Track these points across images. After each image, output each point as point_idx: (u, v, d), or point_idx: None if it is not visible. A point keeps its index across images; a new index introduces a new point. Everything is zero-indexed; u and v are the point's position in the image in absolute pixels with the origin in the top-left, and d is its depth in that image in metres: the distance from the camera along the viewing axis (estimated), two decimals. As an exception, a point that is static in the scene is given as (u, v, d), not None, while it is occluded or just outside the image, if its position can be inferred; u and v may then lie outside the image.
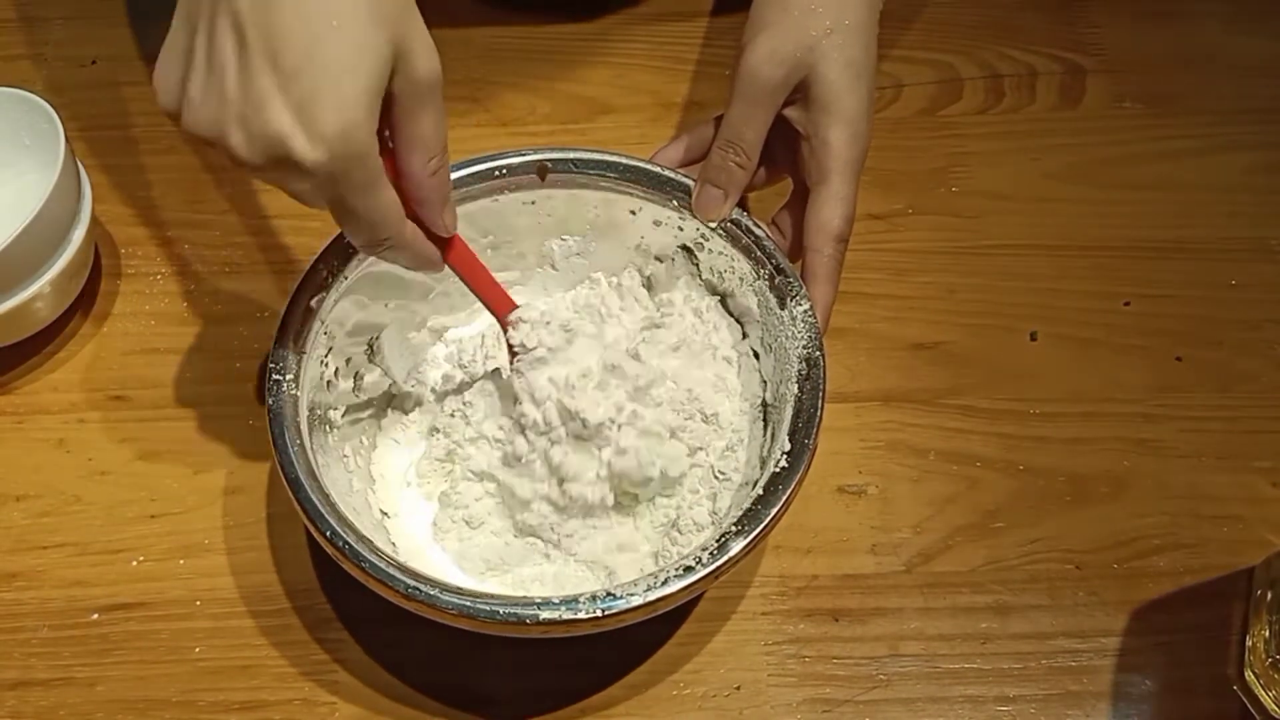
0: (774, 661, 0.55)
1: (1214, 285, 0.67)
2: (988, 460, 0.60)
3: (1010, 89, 0.75)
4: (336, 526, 0.47)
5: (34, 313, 0.60)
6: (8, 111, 0.62)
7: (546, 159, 0.56)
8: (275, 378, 0.51)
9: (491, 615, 0.45)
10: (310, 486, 0.48)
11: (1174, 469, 0.60)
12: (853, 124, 0.54)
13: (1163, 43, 0.77)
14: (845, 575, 0.57)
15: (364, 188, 0.43)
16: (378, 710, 0.53)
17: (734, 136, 0.55)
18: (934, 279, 0.66)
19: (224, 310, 0.65)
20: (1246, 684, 0.53)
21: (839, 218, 0.54)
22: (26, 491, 0.59)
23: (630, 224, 0.58)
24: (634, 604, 0.45)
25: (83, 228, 0.60)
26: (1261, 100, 0.74)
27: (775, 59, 0.54)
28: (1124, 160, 0.72)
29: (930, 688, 0.54)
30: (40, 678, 0.54)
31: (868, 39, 0.55)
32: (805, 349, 0.52)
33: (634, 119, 0.73)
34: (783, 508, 0.48)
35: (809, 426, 0.50)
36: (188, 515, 0.58)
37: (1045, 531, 0.58)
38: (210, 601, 0.56)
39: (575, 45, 0.76)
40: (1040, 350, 0.64)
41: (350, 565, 0.47)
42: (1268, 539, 0.58)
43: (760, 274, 0.55)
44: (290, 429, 0.49)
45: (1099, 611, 0.56)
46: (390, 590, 0.46)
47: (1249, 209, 0.70)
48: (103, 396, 0.62)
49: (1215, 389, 0.63)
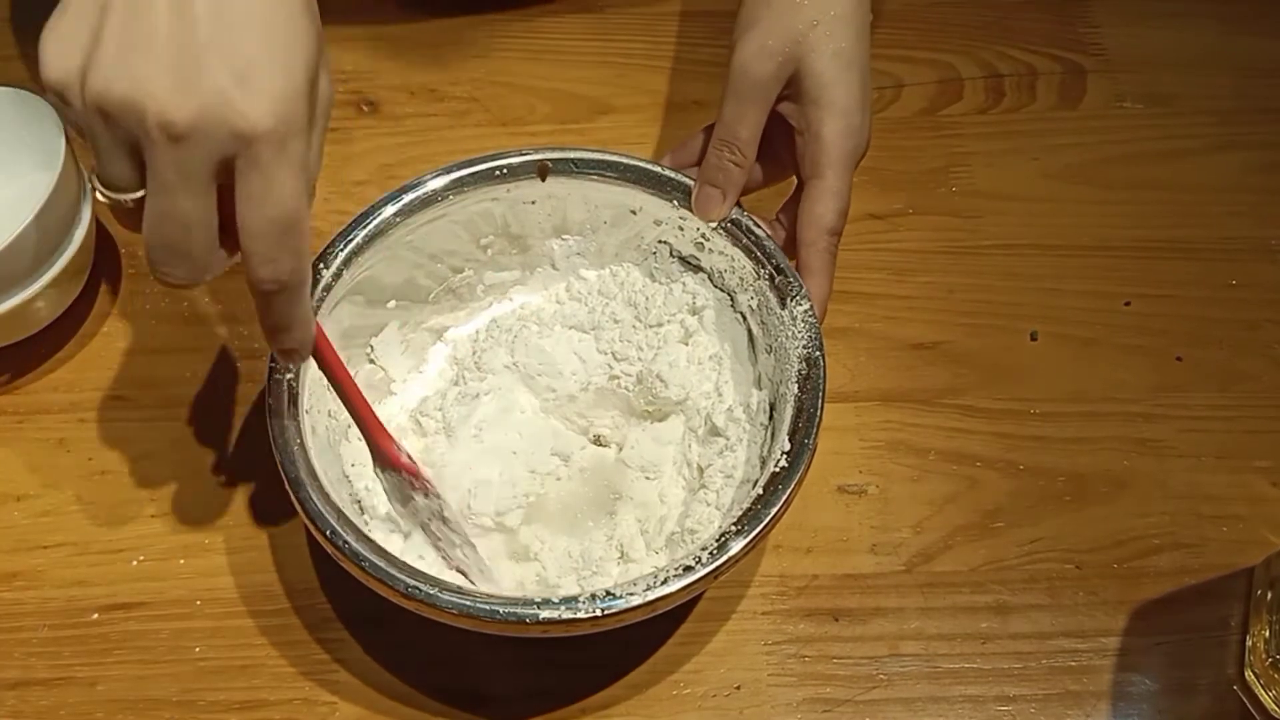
0: (774, 661, 0.55)
1: (1214, 285, 0.67)
2: (988, 460, 0.60)
3: (1010, 89, 0.75)
4: (336, 526, 0.47)
5: (34, 313, 0.60)
6: (8, 111, 0.62)
7: (547, 159, 0.56)
8: (275, 377, 0.51)
9: (491, 614, 0.45)
10: (310, 486, 0.48)
11: (1174, 469, 0.60)
12: (845, 116, 0.54)
13: (1163, 43, 0.77)
14: (845, 575, 0.57)
15: (293, 162, 0.39)
16: (378, 710, 0.53)
17: (729, 135, 0.55)
18: (934, 279, 0.66)
19: (224, 310, 0.65)
20: (1246, 684, 0.53)
21: (831, 211, 0.54)
22: (26, 491, 0.59)
23: (631, 223, 0.58)
24: (634, 604, 0.45)
25: (83, 228, 0.60)
26: (1261, 100, 0.74)
27: (764, 54, 0.54)
28: (1124, 160, 0.72)
29: (930, 688, 0.54)
30: (40, 677, 0.54)
31: (857, 29, 0.55)
32: (805, 349, 0.52)
33: (634, 119, 0.73)
34: (782, 507, 0.48)
35: (809, 426, 0.50)
36: (187, 515, 0.58)
37: (1045, 531, 0.58)
38: (210, 601, 0.56)
39: (575, 45, 0.76)
40: (1040, 350, 0.64)
41: (350, 564, 0.47)
42: (1268, 539, 0.58)
43: (760, 273, 0.55)
44: (290, 428, 0.50)
45: (1099, 611, 0.56)
46: (390, 590, 0.46)
47: (1249, 209, 0.70)
48: (103, 396, 0.62)
49: (1215, 389, 0.63)
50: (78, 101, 0.38)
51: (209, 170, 0.38)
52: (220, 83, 0.37)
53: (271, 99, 0.37)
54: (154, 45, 0.37)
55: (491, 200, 0.57)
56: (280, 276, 0.41)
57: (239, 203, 0.39)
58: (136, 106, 0.37)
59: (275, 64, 0.38)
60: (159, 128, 0.37)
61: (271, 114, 0.37)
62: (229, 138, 0.37)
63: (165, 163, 0.38)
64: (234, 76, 0.37)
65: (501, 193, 0.57)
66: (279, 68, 0.38)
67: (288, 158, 0.39)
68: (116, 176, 0.39)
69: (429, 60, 0.74)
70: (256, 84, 0.37)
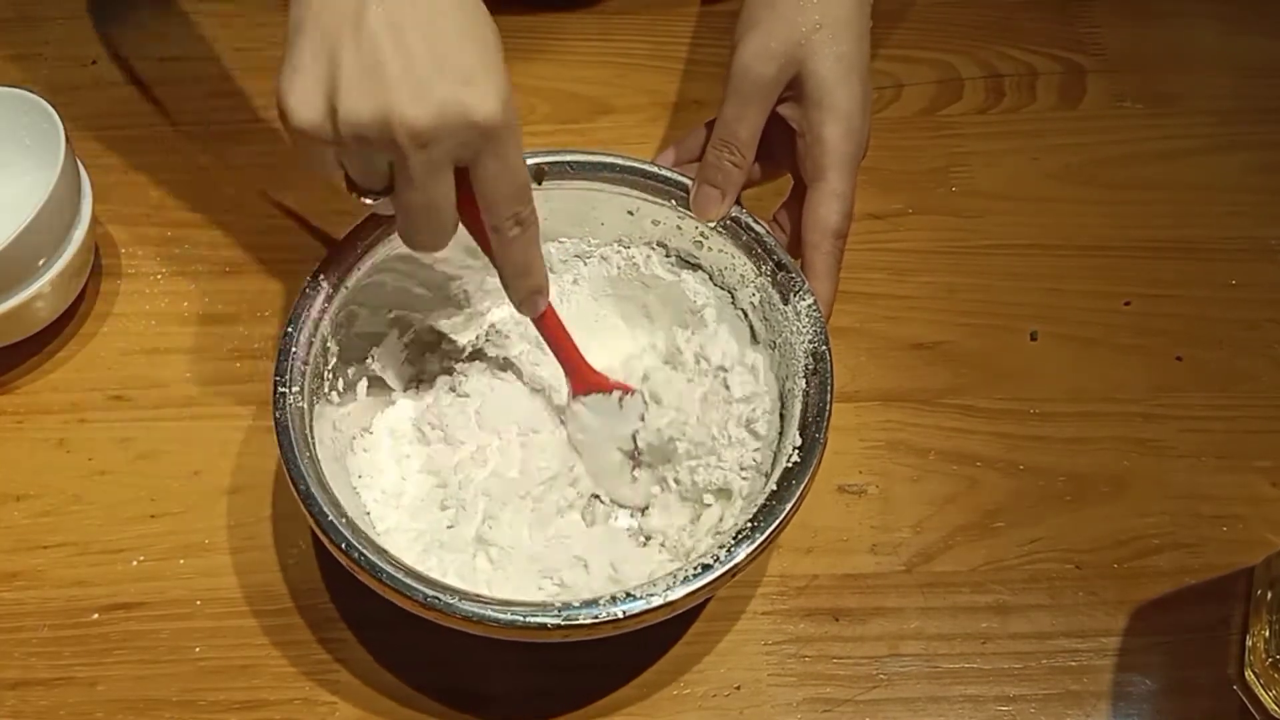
0: (774, 661, 0.55)
1: (1214, 285, 0.67)
2: (988, 460, 0.60)
3: (1010, 89, 0.75)
4: (351, 538, 0.47)
5: (34, 313, 0.60)
6: (8, 111, 0.62)
7: (543, 162, 0.56)
8: (280, 390, 0.50)
9: (512, 623, 0.45)
10: (322, 500, 0.48)
11: (1174, 469, 0.60)
12: (847, 119, 0.54)
13: (1163, 43, 0.77)
14: (845, 575, 0.57)
15: (519, 140, 0.46)
16: (378, 710, 0.53)
17: (728, 135, 0.55)
18: (934, 279, 0.66)
19: (224, 310, 0.65)
20: (1246, 684, 0.53)
21: (836, 214, 0.54)
22: (26, 491, 0.59)
23: (629, 224, 0.58)
24: (655, 604, 0.45)
25: (83, 228, 0.60)
26: (1261, 100, 0.74)
27: (766, 56, 0.54)
28: (1124, 160, 0.72)
29: (930, 687, 0.54)
30: (41, 677, 0.54)
31: (859, 33, 0.55)
32: (811, 344, 0.52)
33: (634, 119, 0.73)
34: (797, 502, 0.48)
35: (819, 421, 0.50)
36: (188, 515, 0.58)
37: (1045, 531, 0.58)
38: (210, 601, 0.56)
39: (575, 45, 0.76)
40: (1040, 350, 0.64)
41: (367, 576, 0.46)
42: (1268, 539, 0.58)
43: (762, 270, 0.55)
44: (299, 441, 0.49)
45: (1099, 611, 0.56)
46: (408, 600, 0.46)
47: (1249, 209, 0.70)
48: (103, 396, 0.62)
49: (1215, 389, 0.63)
50: (330, 136, 0.44)
51: (450, 162, 0.45)
52: (451, 91, 0.43)
53: (498, 95, 0.44)
54: (388, 73, 0.42)
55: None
56: (523, 218, 0.48)
57: (482, 182, 0.46)
58: (386, 124, 0.43)
59: (490, 67, 0.44)
60: (408, 137, 0.43)
61: (500, 107, 0.44)
62: (469, 133, 0.44)
63: (416, 163, 0.44)
64: (461, 83, 0.43)
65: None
66: (493, 69, 0.44)
67: (516, 138, 0.46)
68: (374, 183, 0.46)
69: (429, 60, 0.74)
70: (481, 86, 0.43)
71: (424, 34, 0.43)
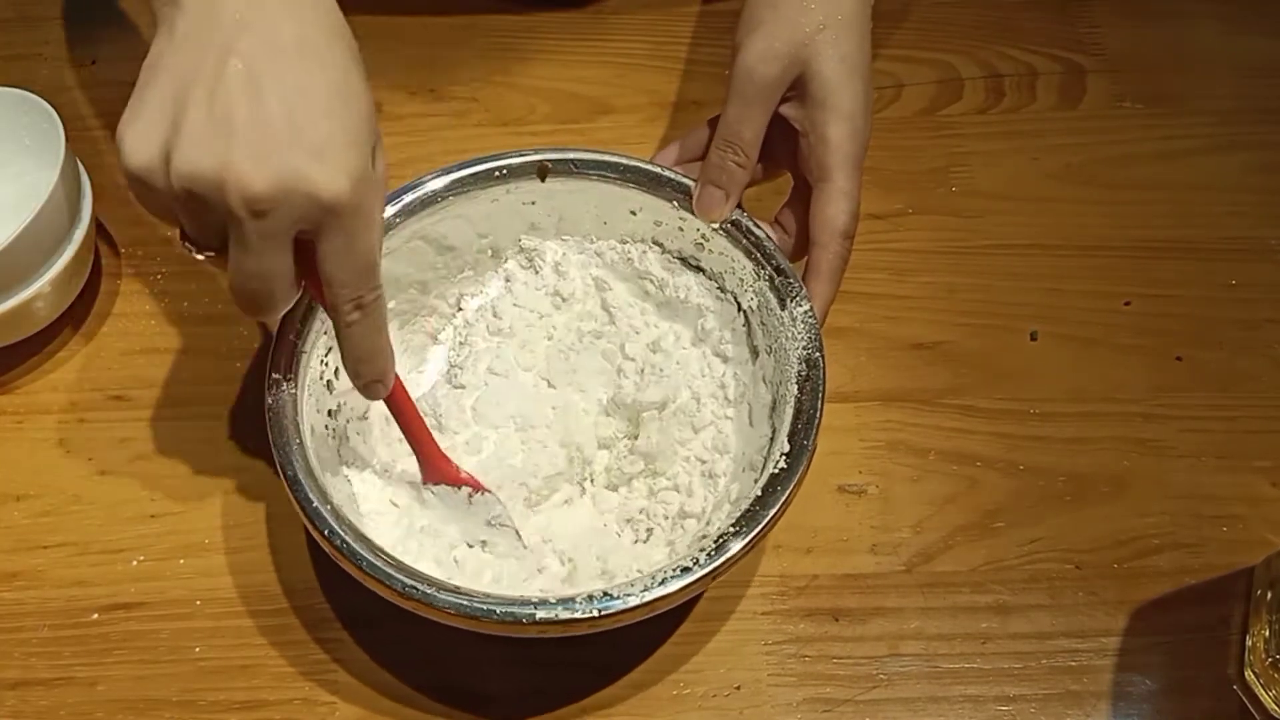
0: (774, 661, 0.55)
1: (1214, 285, 0.67)
2: (988, 460, 0.60)
3: (1010, 89, 0.75)
4: (335, 525, 0.47)
5: (34, 313, 0.60)
6: (8, 111, 0.62)
7: (547, 159, 0.56)
8: (274, 376, 0.51)
9: (488, 614, 0.45)
10: (309, 486, 0.48)
11: (1174, 469, 0.60)
12: (851, 119, 0.54)
13: (1163, 43, 0.77)
14: (845, 575, 0.57)
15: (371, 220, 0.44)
16: (378, 710, 0.53)
17: (731, 136, 0.55)
18: (934, 279, 0.66)
19: (224, 310, 0.65)
20: (1246, 684, 0.53)
21: (845, 213, 0.54)
22: (26, 491, 0.59)
23: (631, 224, 0.58)
24: (631, 604, 0.45)
25: (83, 228, 0.60)
26: (1261, 100, 0.74)
27: (769, 56, 0.54)
28: (1124, 160, 0.72)
29: (930, 687, 0.54)
30: (40, 677, 0.54)
31: (861, 33, 0.55)
32: (805, 350, 0.52)
33: (634, 119, 0.73)
34: (781, 508, 0.48)
35: (808, 428, 0.50)
36: (188, 515, 0.58)
37: (1045, 531, 0.58)
38: (210, 601, 0.56)
39: (575, 45, 0.76)
40: (1040, 350, 0.64)
41: (348, 564, 0.47)
42: (1268, 539, 0.58)
43: (761, 274, 0.55)
44: (290, 428, 0.50)
45: (1099, 611, 0.56)
46: (387, 589, 0.46)
47: (1249, 209, 0.70)
48: (103, 396, 0.62)
49: (1215, 389, 0.63)
50: (162, 183, 0.41)
51: (288, 234, 0.42)
52: (298, 161, 0.40)
53: (348, 174, 0.41)
54: (234, 129, 0.40)
55: (491, 201, 0.57)
56: (364, 303, 0.45)
57: (323, 259, 0.43)
58: (221, 184, 0.40)
59: (351, 143, 0.42)
60: (242, 202, 0.40)
61: (349, 186, 0.41)
62: (309, 208, 0.41)
63: (248, 230, 0.41)
64: (311, 154, 0.41)
65: (501, 193, 0.57)
66: (353, 146, 0.42)
67: (365, 219, 0.43)
68: (208, 240, 0.44)
69: (429, 60, 0.74)
70: (333, 162, 0.41)
71: (284, 97, 0.41)
